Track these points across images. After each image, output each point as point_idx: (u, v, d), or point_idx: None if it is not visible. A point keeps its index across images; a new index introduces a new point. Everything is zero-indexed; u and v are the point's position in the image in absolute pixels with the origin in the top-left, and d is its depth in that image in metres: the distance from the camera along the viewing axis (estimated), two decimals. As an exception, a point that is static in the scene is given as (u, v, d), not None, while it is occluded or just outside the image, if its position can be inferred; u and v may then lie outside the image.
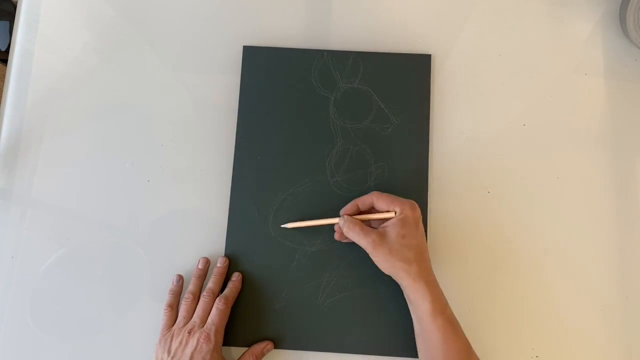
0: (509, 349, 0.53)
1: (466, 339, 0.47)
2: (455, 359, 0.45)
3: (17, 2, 0.63)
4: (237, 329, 0.53)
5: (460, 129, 0.58)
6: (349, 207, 0.52)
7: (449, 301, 0.48)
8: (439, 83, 0.59)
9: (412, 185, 0.56)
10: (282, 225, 0.55)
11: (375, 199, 0.50)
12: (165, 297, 0.53)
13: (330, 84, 0.58)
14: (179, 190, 0.57)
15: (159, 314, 0.52)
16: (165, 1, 0.62)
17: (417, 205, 0.50)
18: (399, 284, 0.49)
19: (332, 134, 0.57)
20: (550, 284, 0.55)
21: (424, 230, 0.50)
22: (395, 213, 0.49)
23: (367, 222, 0.52)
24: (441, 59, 0.60)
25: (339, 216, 0.52)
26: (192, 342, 0.48)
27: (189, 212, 0.57)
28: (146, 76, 0.60)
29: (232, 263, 0.55)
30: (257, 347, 0.52)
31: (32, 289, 0.55)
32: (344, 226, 0.50)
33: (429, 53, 0.59)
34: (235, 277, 0.54)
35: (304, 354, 0.53)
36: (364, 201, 0.51)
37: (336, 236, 0.53)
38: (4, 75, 0.61)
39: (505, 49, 0.60)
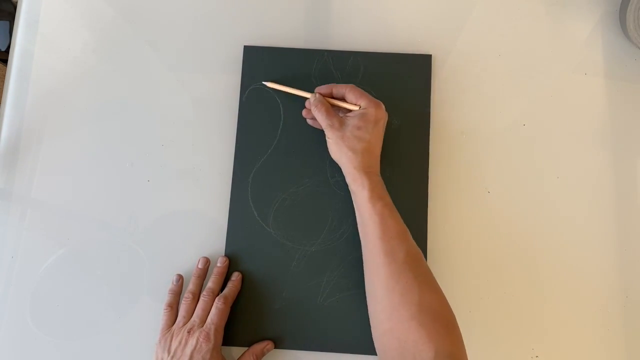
0: (509, 349, 0.53)
1: (403, 224, 0.48)
2: (392, 242, 0.46)
3: (17, 2, 0.63)
4: (237, 328, 0.53)
5: (460, 129, 0.58)
6: (323, 88, 0.54)
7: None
8: (439, 83, 0.59)
9: (412, 185, 0.56)
10: (263, 82, 0.58)
11: (348, 90, 0.52)
12: (165, 297, 0.53)
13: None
14: (179, 190, 0.57)
15: (159, 314, 0.52)
16: (166, 1, 0.62)
17: (383, 106, 0.51)
18: (343, 173, 0.51)
19: (332, 134, 0.57)
20: (550, 284, 0.55)
21: (382, 133, 0.51)
22: (360, 107, 0.51)
23: (336, 109, 0.53)
24: (441, 59, 0.60)
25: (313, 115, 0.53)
26: (192, 342, 0.48)
27: (189, 212, 0.57)
28: (146, 76, 0.60)
29: (232, 263, 0.55)
30: (257, 347, 0.52)
31: (32, 289, 0.55)
32: (314, 103, 0.52)
33: (429, 53, 0.59)
34: (235, 276, 0.54)
35: (304, 354, 0.53)
36: (338, 89, 0.53)
37: (304, 112, 0.56)
38: (4, 75, 0.61)
39: (505, 49, 0.60)
